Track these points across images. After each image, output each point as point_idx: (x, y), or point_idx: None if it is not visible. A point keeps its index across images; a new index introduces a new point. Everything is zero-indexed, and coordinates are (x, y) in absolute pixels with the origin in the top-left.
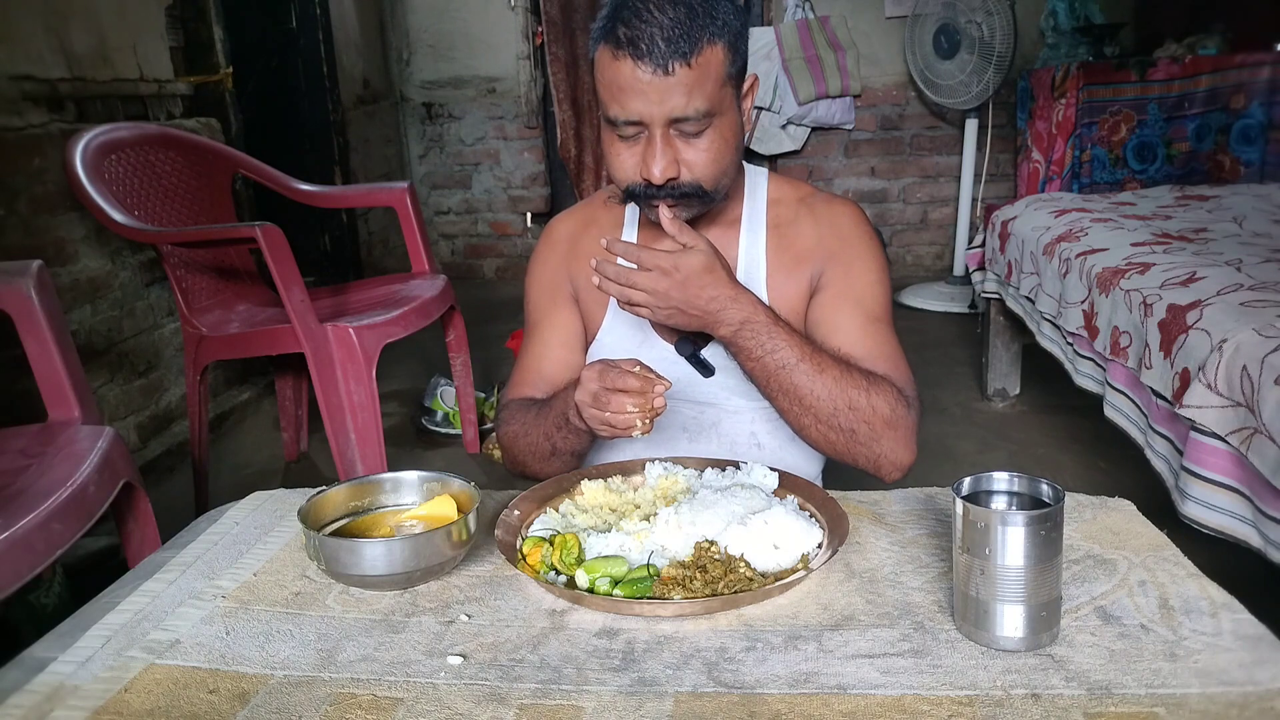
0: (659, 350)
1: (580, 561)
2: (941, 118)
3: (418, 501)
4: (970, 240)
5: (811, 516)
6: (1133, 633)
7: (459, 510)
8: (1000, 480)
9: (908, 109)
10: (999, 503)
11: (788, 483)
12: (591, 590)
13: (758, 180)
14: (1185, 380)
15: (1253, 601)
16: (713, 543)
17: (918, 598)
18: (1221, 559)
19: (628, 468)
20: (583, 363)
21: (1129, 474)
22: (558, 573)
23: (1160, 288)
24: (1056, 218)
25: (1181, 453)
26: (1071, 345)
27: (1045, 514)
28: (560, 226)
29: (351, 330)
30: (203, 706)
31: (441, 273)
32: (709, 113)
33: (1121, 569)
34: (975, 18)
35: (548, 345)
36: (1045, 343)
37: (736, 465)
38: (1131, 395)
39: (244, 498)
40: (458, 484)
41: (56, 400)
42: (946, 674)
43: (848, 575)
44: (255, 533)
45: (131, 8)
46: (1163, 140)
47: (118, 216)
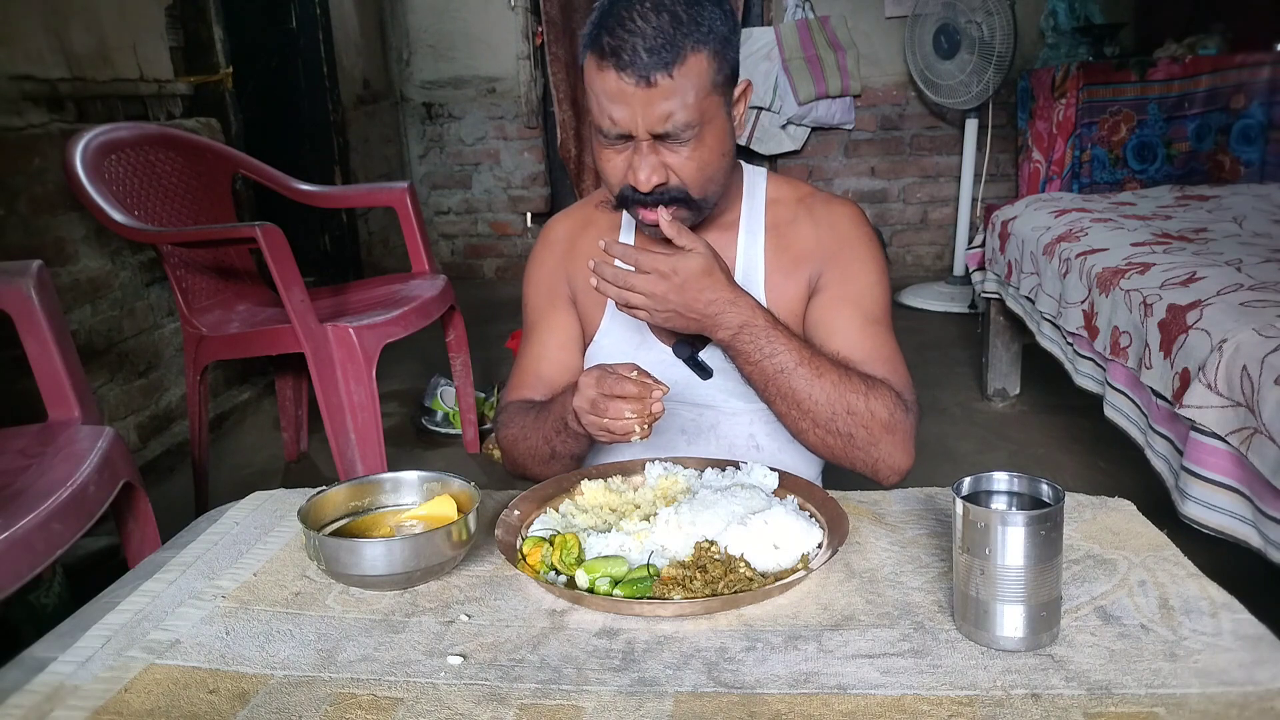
0: (657, 352)
1: (580, 561)
2: (941, 118)
3: (418, 501)
4: (970, 240)
5: (811, 516)
6: (1133, 633)
7: (459, 510)
8: (1000, 480)
9: (908, 109)
10: (999, 503)
11: (788, 483)
12: (591, 590)
13: (756, 180)
14: (1185, 380)
15: (1253, 601)
16: (713, 543)
17: (918, 598)
18: (1221, 559)
19: (628, 468)
20: (581, 364)
21: (1129, 474)
22: (558, 573)
23: (1160, 288)
24: (1056, 218)
25: (1181, 453)
26: (1071, 345)
27: (1045, 514)
28: (558, 227)
29: (351, 330)
30: (203, 706)
31: (441, 273)
32: (692, 122)
33: (1121, 569)
34: (975, 18)
35: (545, 347)
36: (1045, 343)
37: (736, 465)
38: (1131, 395)
39: (244, 498)
40: (458, 484)
41: (56, 400)
42: (946, 674)
43: (848, 575)
44: (255, 533)
45: (131, 8)
46: (1163, 140)
47: (118, 216)
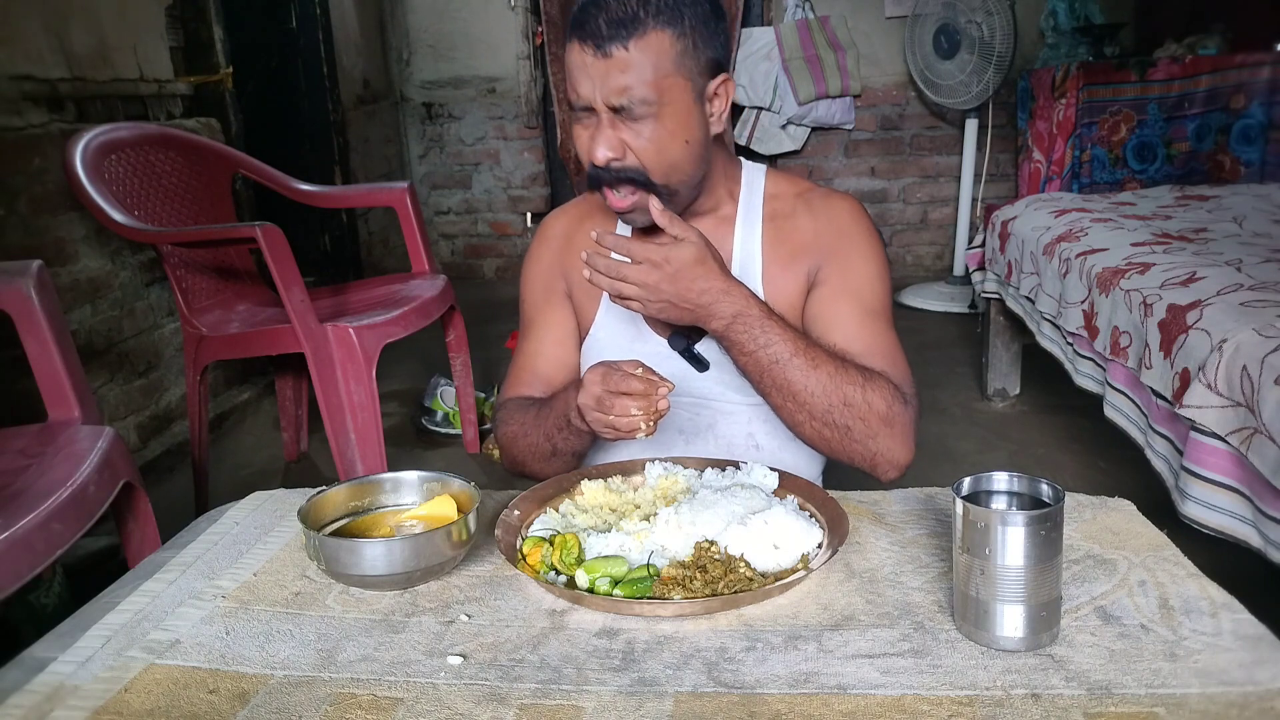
0: (652, 345)
1: (580, 561)
2: (941, 118)
3: (418, 501)
4: (970, 240)
5: (811, 516)
6: (1133, 633)
7: (459, 510)
8: (1000, 480)
9: (908, 109)
10: (999, 503)
11: (788, 483)
12: (591, 590)
13: (755, 177)
14: (1185, 380)
15: (1253, 601)
16: (713, 543)
17: (918, 598)
18: (1221, 559)
19: (628, 468)
20: (577, 360)
21: (1129, 474)
22: (558, 573)
23: (1160, 288)
24: (1056, 218)
25: (1181, 453)
26: (1071, 345)
27: (1045, 514)
28: (555, 223)
29: (351, 330)
30: (203, 706)
31: (441, 273)
32: (649, 99)
33: (1121, 569)
34: (975, 18)
35: (542, 343)
36: (1045, 343)
37: (736, 465)
38: (1131, 395)
39: (244, 498)
40: (458, 484)
41: (56, 400)
42: (946, 674)
43: (848, 575)
44: (255, 533)
45: (131, 8)
46: (1163, 140)
47: (118, 216)
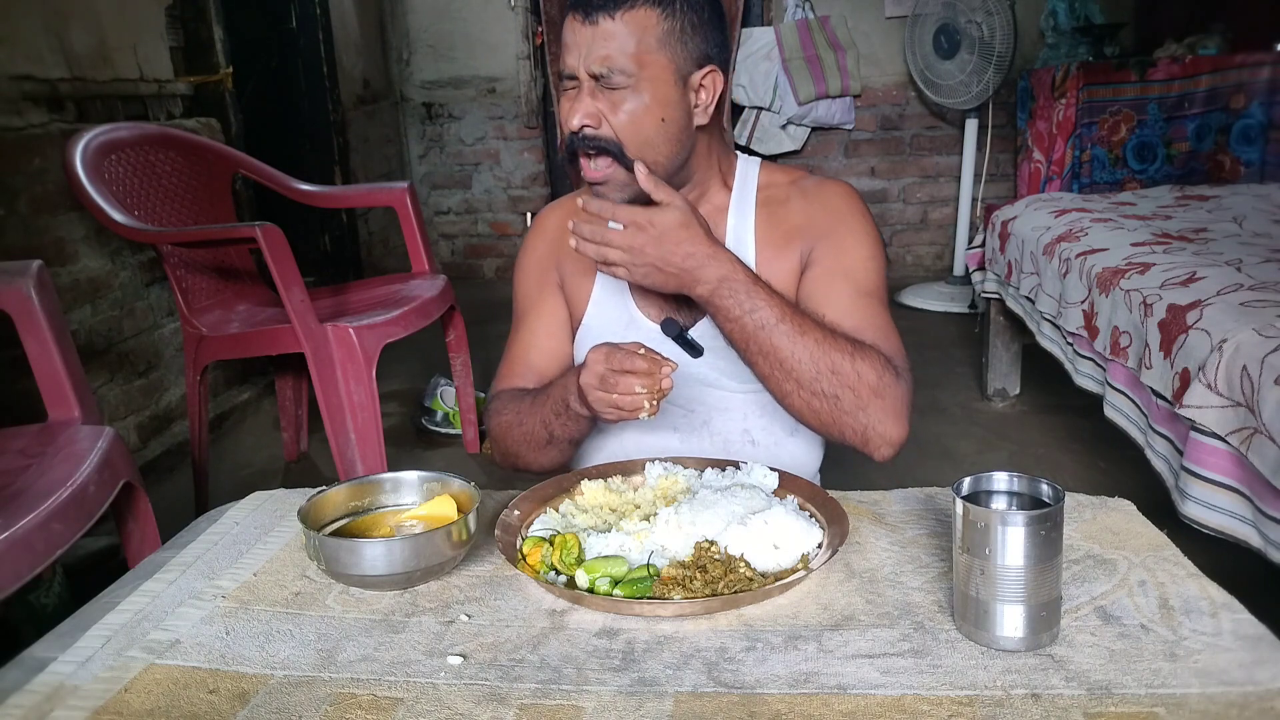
0: (645, 331)
1: (580, 561)
2: (941, 118)
3: (418, 501)
4: (970, 240)
5: (811, 516)
6: (1133, 633)
7: (459, 510)
8: (1000, 480)
9: (908, 109)
10: (999, 503)
11: (788, 483)
12: (591, 590)
13: (749, 168)
14: (1185, 380)
15: (1253, 601)
16: (713, 543)
17: (918, 598)
18: (1221, 559)
19: (628, 468)
20: (570, 352)
21: (1129, 474)
22: (558, 573)
23: (1160, 288)
24: (1056, 218)
25: (1181, 453)
26: (1071, 345)
27: (1045, 514)
28: (549, 217)
29: (351, 330)
30: (203, 706)
31: (441, 273)
32: (628, 70)
33: (1121, 569)
34: (975, 18)
35: (535, 335)
36: (1045, 343)
37: (736, 465)
38: (1131, 395)
39: (244, 498)
40: (458, 484)
41: (56, 400)
42: (946, 674)
43: (848, 575)
44: (255, 533)
45: (131, 8)
46: (1163, 140)
47: (118, 216)
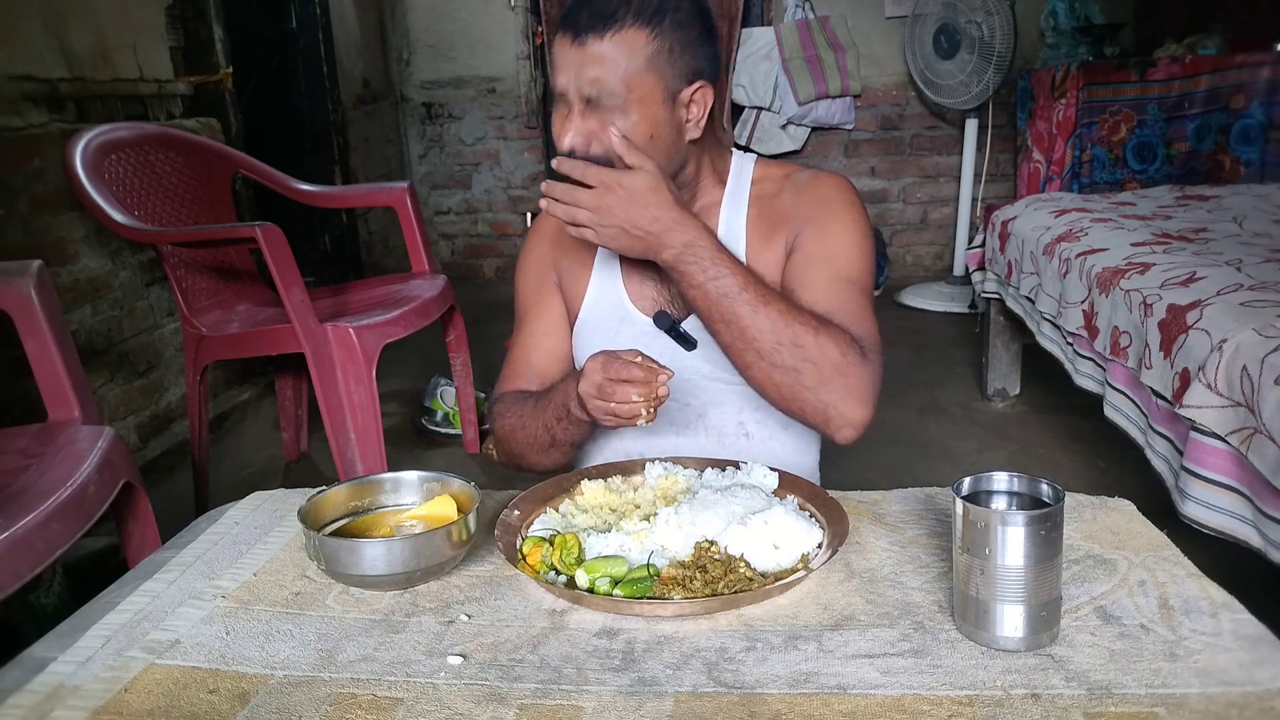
0: (638, 325)
1: (580, 561)
2: (941, 118)
3: (418, 501)
4: (970, 240)
5: (811, 516)
6: (1133, 633)
7: (459, 510)
8: (1000, 480)
9: (908, 109)
10: (999, 503)
11: (788, 483)
12: (591, 590)
13: (744, 164)
14: (1185, 380)
15: (1253, 601)
16: (713, 543)
17: (918, 598)
18: (1221, 559)
19: (628, 468)
20: (569, 351)
21: (1129, 474)
22: (558, 573)
23: (1160, 288)
24: (1056, 218)
25: (1181, 453)
26: (1071, 345)
27: (1045, 514)
28: (548, 218)
29: (351, 330)
30: (203, 706)
31: (441, 273)
32: (616, 92)
33: (1121, 569)
34: (975, 18)
35: (535, 336)
36: (1045, 343)
37: (736, 465)
38: (1131, 395)
39: (244, 498)
40: (458, 484)
41: (56, 400)
42: (946, 674)
43: (848, 575)
44: (255, 533)
45: (131, 8)
46: (1163, 140)
47: (118, 216)
